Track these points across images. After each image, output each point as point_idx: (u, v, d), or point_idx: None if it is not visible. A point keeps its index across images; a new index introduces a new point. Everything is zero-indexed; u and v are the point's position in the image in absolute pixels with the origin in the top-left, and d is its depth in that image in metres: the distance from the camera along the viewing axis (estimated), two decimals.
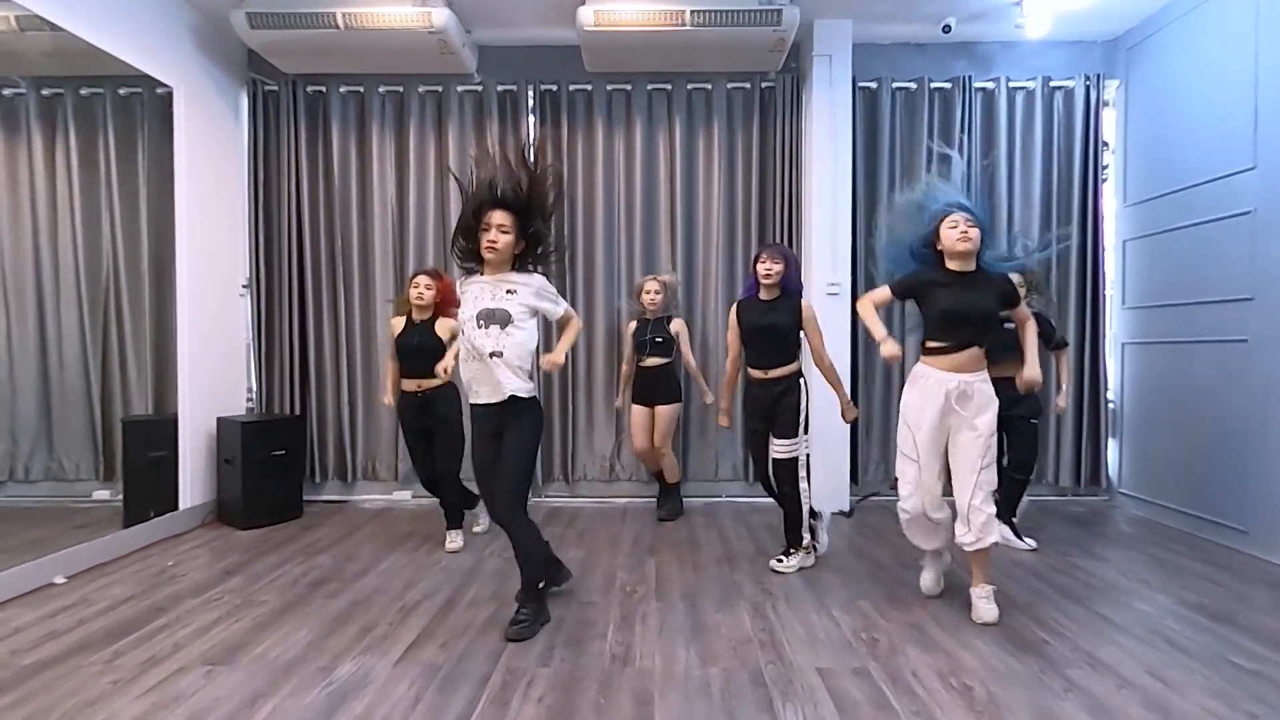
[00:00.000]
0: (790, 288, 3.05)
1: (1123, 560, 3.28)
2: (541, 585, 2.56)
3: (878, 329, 2.57)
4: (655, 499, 4.24)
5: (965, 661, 2.23)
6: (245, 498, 3.81)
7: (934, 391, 2.51)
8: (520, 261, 2.47)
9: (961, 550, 2.58)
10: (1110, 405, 4.39)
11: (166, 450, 3.76)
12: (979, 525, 2.49)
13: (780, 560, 3.11)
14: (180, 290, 3.81)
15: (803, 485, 3.02)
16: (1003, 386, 3.29)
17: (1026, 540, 3.42)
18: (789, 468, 3.00)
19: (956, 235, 2.47)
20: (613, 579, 3.02)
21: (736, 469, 4.46)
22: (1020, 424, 3.38)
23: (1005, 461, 3.41)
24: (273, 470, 3.92)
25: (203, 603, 2.74)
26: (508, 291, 2.41)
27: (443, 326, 3.33)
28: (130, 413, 3.66)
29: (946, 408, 2.50)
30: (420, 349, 3.29)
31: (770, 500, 4.43)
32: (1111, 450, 4.40)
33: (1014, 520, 3.48)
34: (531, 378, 2.50)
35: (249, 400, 4.44)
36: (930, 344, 2.57)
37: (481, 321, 2.37)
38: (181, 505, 3.79)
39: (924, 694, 2.03)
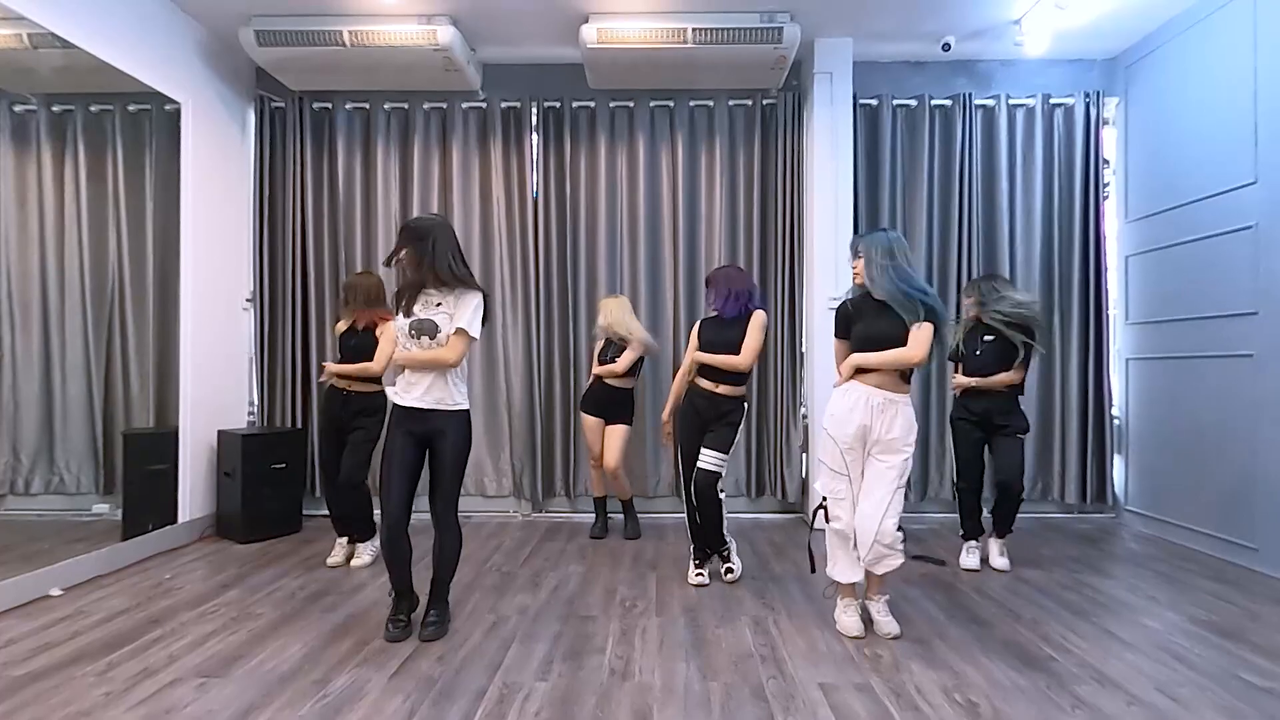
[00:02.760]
0: (744, 310, 3.08)
1: (1130, 577, 3.23)
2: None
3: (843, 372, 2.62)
4: (622, 516, 4.09)
5: (970, 677, 2.19)
6: (244, 511, 3.80)
7: (859, 404, 2.50)
8: (441, 279, 2.49)
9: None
10: (1115, 421, 4.35)
11: (167, 463, 3.75)
12: (887, 545, 2.45)
13: (730, 567, 3.16)
14: (184, 304, 3.83)
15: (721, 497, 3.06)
16: (989, 400, 3.32)
17: (1004, 560, 3.35)
18: (711, 479, 3.01)
19: (854, 273, 2.62)
20: (613, 593, 2.99)
21: (739, 484, 4.43)
22: (1006, 439, 3.32)
23: (995, 478, 3.37)
24: (272, 483, 3.91)
25: (198, 615, 2.71)
26: (437, 305, 2.51)
27: (385, 331, 3.33)
28: (132, 426, 3.66)
29: (869, 422, 2.48)
30: (355, 349, 3.33)
31: (773, 516, 4.45)
32: (1117, 467, 4.36)
33: (1003, 540, 3.42)
34: (463, 390, 2.57)
35: (250, 414, 4.44)
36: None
37: (413, 331, 2.48)
38: (180, 518, 3.77)
39: (928, 709, 1.99)
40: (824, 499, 2.59)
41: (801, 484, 4.39)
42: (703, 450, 3.03)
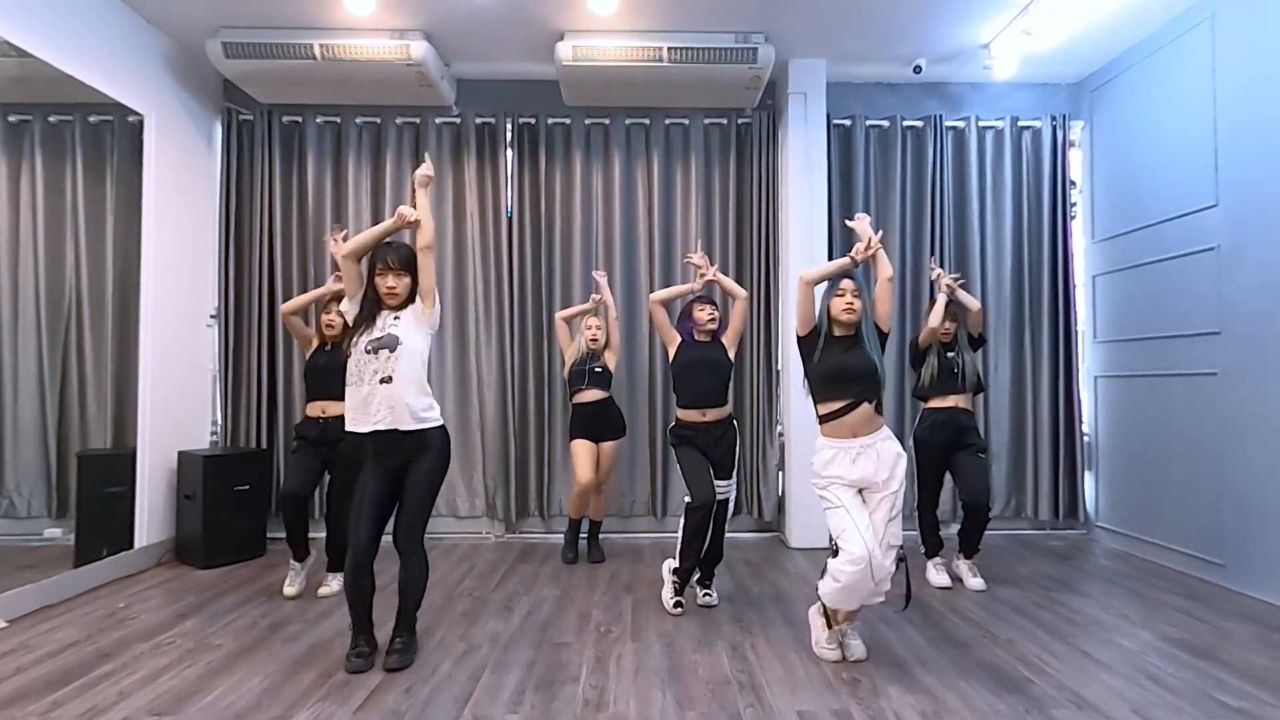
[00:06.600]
0: (719, 333, 3.22)
1: (1103, 595, 3.25)
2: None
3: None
4: (585, 538, 3.96)
5: (949, 702, 2.17)
6: (205, 535, 3.66)
7: (836, 458, 2.42)
8: (409, 301, 2.53)
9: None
10: (1085, 439, 4.41)
11: (123, 485, 3.61)
12: (878, 581, 2.33)
13: (709, 594, 3.13)
14: (144, 320, 3.70)
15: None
16: (950, 416, 3.34)
17: (978, 580, 3.34)
18: (726, 507, 3.10)
19: (842, 305, 2.47)
20: (588, 618, 2.92)
21: None
22: (969, 458, 3.33)
23: (964, 498, 3.37)
24: (235, 506, 3.78)
25: (152, 648, 2.59)
26: (395, 319, 2.47)
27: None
28: (87, 446, 3.51)
29: (860, 465, 2.40)
30: (329, 369, 3.12)
31: (749, 535, 4.41)
32: (1088, 483, 4.41)
33: (972, 560, 3.42)
34: (433, 403, 2.50)
35: (213, 434, 4.30)
36: (822, 410, 2.48)
37: (370, 347, 2.41)
38: (137, 543, 3.62)
39: None
40: (832, 546, 2.42)
41: (778, 503, 4.36)
42: (715, 483, 3.04)
